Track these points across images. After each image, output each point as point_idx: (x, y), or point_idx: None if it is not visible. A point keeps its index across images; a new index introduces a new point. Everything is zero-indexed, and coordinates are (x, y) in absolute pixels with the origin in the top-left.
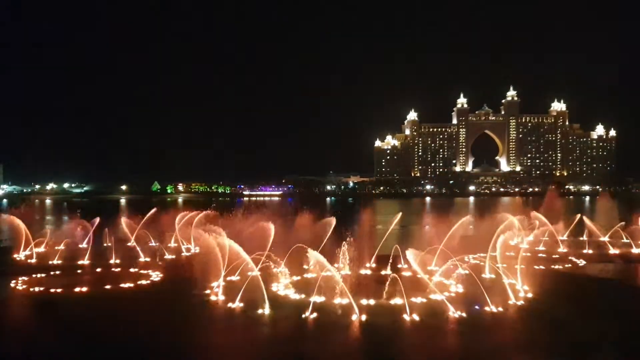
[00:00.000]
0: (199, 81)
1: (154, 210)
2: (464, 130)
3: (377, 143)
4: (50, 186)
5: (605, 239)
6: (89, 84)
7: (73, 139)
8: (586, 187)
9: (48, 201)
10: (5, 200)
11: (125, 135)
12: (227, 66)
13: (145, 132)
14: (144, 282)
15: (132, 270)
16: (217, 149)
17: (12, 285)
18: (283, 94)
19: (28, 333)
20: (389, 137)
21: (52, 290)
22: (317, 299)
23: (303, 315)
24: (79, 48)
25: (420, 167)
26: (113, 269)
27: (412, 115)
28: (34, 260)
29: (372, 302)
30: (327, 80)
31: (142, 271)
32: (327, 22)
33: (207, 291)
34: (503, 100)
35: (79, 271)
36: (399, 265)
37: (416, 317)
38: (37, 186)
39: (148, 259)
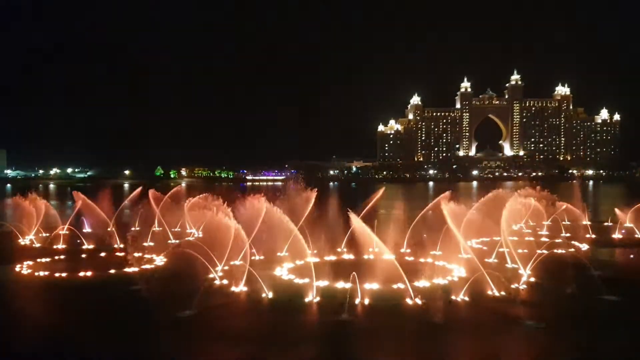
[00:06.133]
0: (201, 66)
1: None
2: (467, 114)
3: (380, 128)
4: (54, 171)
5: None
6: (90, 68)
7: (76, 123)
8: (590, 172)
9: (52, 186)
10: (9, 185)
11: (128, 120)
12: (229, 50)
13: (148, 117)
14: (148, 266)
15: (136, 254)
16: (220, 134)
17: (17, 269)
18: (285, 79)
19: (33, 317)
20: (392, 122)
21: (57, 274)
22: (320, 283)
23: (307, 299)
24: (81, 32)
25: (423, 152)
26: (117, 254)
27: (416, 100)
28: (38, 245)
29: (375, 286)
30: (330, 64)
31: (146, 255)
32: (330, 5)
33: (211, 275)
34: (507, 85)
35: (83, 255)
36: (401, 250)
37: (419, 301)
38: (41, 171)
39: (152, 244)
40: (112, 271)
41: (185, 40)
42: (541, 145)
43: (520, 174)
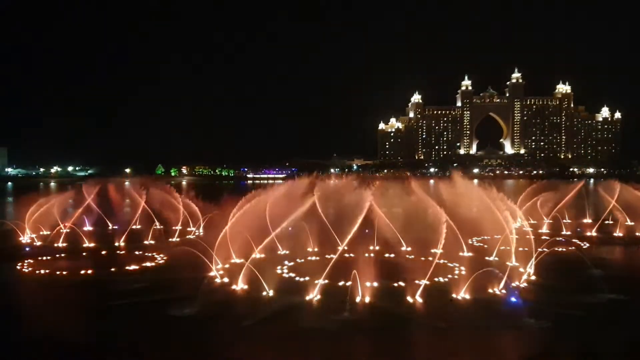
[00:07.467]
0: (201, 62)
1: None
2: (468, 112)
3: (381, 126)
4: (55, 169)
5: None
6: (90, 64)
7: (76, 121)
8: (590, 170)
9: (52, 184)
10: (10, 184)
11: (129, 118)
12: (228, 48)
13: (148, 114)
14: (148, 264)
15: (137, 252)
16: (221, 133)
17: (18, 267)
18: (286, 76)
19: (34, 315)
20: (393, 120)
21: (58, 272)
22: (321, 281)
23: (307, 298)
24: (78, 29)
25: (424, 150)
26: (118, 252)
27: (416, 98)
28: (39, 243)
29: (375, 284)
30: (331, 62)
31: (147, 254)
32: (331, 4)
33: (212, 273)
34: (508, 83)
35: (84, 254)
36: (402, 248)
37: (419, 299)
38: (42, 169)
39: (153, 242)
40: (113, 269)
41: (185, 39)
42: (542, 143)
43: (520, 172)
